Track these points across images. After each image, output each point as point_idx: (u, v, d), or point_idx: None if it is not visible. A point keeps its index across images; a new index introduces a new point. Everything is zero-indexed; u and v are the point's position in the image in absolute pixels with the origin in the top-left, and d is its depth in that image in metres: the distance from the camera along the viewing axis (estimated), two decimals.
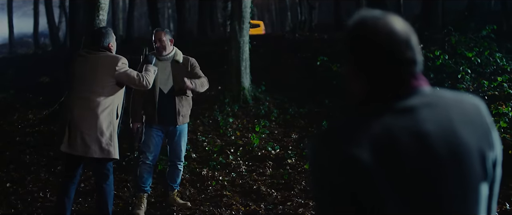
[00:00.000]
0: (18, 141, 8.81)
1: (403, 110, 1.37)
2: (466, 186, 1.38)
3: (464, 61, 9.30)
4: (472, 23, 12.56)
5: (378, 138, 1.32)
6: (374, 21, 1.41)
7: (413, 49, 1.42)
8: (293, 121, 9.08)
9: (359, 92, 1.45)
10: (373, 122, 1.35)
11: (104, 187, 4.83)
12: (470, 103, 1.47)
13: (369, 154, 1.30)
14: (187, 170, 6.78)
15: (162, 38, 5.36)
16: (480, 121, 1.45)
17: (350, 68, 1.46)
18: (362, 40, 1.41)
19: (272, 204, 5.53)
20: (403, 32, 1.41)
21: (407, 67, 1.41)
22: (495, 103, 7.28)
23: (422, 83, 1.44)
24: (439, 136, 1.36)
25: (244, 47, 10.24)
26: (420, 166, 1.32)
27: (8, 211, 5.73)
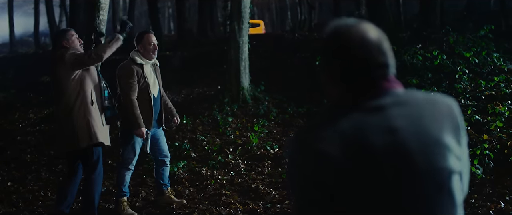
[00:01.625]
0: (19, 140, 8.87)
1: (373, 109, 1.45)
2: (439, 178, 1.43)
3: (462, 61, 9.34)
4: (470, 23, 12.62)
5: (347, 134, 1.39)
6: (348, 29, 1.51)
7: (385, 53, 1.50)
8: (292, 120, 9.13)
9: (335, 95, 1.54)
10: (343, 120, 1.43)
11: (92, 178, 4.95)
12: (442, 101, 1.54)
13: (338, 149, 1.37)
14: (186, 169, 6.84)
15: (155, 41, 5.34)
16: (450, 118, 1.51)
17: (326, 73, 1.55)
18: (337, 47, 1.50)
19: (270, 203, 5.58)
20: (375, 38, 1.50)
21: (379, 71, 1.49)
22: (491, 103, 7.33)
23: (394, 85, 1.51)
24: (409, 131, 1.43)
25: (243, 47, 10.28)
26: (389, 160, 1.39)
27: (9, 210, 5.78)
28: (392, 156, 1.39)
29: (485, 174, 5.52)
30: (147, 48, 5.27)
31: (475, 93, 8.11)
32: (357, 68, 1.48)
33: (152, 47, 5.28)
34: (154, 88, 5.37)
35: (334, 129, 1.41)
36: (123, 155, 5.37)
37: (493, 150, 5.84)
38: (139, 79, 5.20)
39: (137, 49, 5.31)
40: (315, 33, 20.96)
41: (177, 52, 17.07)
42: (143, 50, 5.28)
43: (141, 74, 5.22)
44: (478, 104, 7.61)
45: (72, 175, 5.05)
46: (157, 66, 5.51)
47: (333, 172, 1.37)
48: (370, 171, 1.37)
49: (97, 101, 4.89)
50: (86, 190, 5.01)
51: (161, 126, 5.53)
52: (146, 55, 5.28)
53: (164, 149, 5.64)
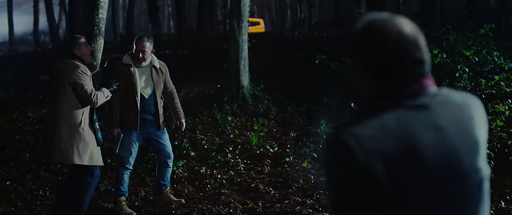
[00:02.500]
0: (18, 139, 8.84)
1: (416, 107, 1.41)
2: (479, 176, 1.44)
3: (462, 59, 9.32)
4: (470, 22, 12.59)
5: (397, 133, 1.35)
6: (383, 23, 1.45)
7: (421, 49, 1.46)
8: (292, 119, 9.11)
9: (368, 94, 1.48)
10: (388, 117, 1.38)
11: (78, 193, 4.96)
12: (473, 102, 1.54)
13: (389, 147, 1.32)
14: (185, 168, 6.83)
15: (146, 50, 5.31)
16: (481, 118, 1.52)
17: (358, 70, 1.49)
18: (372, 43, 1.44)
19: (270, 202, 5.57)
20: (412, 33, 1.45)
21: (416, 67, 1.45)
22: (492, 102, 7.31)
23: (431, 83, 1.48)
24: (454, 130, 1.41)
25: (243, 45, 10.26)
26: (441, 158, 1.36)
27: (8, 209, 5.77)
28: (441, 154, 1.37)
29: None
30: (135, 54, 5.33)
31: (475, 92, 8.09)
32: (394, 64, 1.43)
33: (139, 54, 5.30)
34: (145, 89, 5.38)
35: (380, 126, 1.36)
36: (119, 154, 5.39)
37: (494, 149, 5.82)
38: (125, 79, 5.26)
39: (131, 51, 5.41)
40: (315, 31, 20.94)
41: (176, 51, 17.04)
42: (135, 53, 5.34)
43: (127, 74, 5.28)
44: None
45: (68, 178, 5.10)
46: (158, 68, 5.49)
47: (387, 172, 1.31)
48: (421, 169, 1.34)
49: (85, 122, 4.86)
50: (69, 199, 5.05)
51: (159, 127, 5.49)
52: (135, 59, 5.34)
53: (166, 150, 5.62)
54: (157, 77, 5.45)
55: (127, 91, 5.28)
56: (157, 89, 5.44)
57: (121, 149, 5.35)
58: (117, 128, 5.33)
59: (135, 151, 5.44)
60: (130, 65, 5.31)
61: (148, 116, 5.39)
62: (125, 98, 5.29)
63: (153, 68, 5.45)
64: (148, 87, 5.39)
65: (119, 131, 5.33)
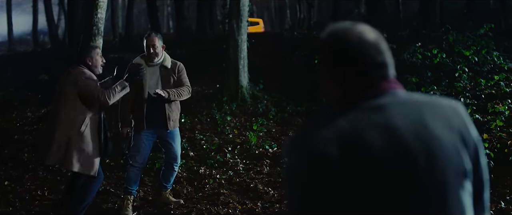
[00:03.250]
0: (16, 139, 8.82)
1: (371, 108, 1.43)
2: (440, 177, 1.39)
3: (461, 59, 9.31)
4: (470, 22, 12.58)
5: (344, 134, 1.37)
6: (344, 32, 1.51)
7: (383, 53, 1.50)
8: (291, 119, 9.10)
9: (334, 95, 1.53)
10: (341, 120, 1.41)
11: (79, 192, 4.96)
12: (446, 104, 1.51)
13: (336, 149, 1.35)
14: (184, 168, 6.81)
15: (155, 44, 5.31)
16: (456, 119, 1.48)
17: (326, 74, 1.54)
18: (334, 50, 1.50)
19: (269, 203, 5.55)
20: (372, 39, 1.50)
21: (378, 71, 1.48)
22: (491, 102, 7.30)
23: (394, 86, 1.49)
24: (410, 130, 1.39)
25: (242, 45, 10.25)
26: (389, 158, 1.35)
27: (6, 209, 5.75)
28: (391, 155, 1.35)
29: None
30: (146, 51, 5.34)
31: (475, 92, 8.08)
32: (355, 69, 1.48)
33: (150, 50, 5.31)
34: (155, 89, 5.31)
35: (332, 129, 1.39)
36: (128, 154, 5.42)
37: (493, 149, 5.80)
38: (135, 80, 5.21)
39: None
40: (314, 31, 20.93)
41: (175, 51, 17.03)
42: (146, 52, 5.35)
43: None
44: (478, 103, 7.57)
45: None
46: (170, 68, 5.44)
47: (332, 172, 1.34)
48: (368, 170, 1.34)
49: (87, 129, 4.83)
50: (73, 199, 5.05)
51: (167, 127, 5.42)
52: (147, 57, 5.35)
53: (174, 152, 5.57)
54: (166, 78, 5.40)
55: (136, 91, 5.28)
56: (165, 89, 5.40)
57: (132, 147, 5.37)
58: (127, 127, 5.34)
59: (145, 150, 5.41)
60: (140, 64, 5.29)
61: (156, 117, 5.34)
62: (135, 97, 5.30)
63: (163, 68, 5.42)
64: (156, 87, 5.35)
65: (128, 130, 5.33)
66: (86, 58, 4.90)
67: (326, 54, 1.53)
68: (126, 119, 5.36)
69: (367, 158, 1.34)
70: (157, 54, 5.33)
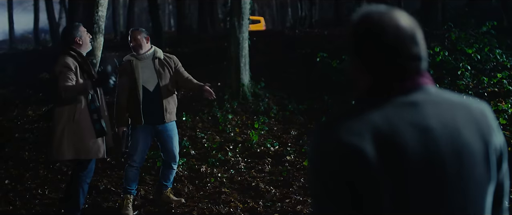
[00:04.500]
0: (17, 137, 8.81)
1: (406, 104, 1.37)
2: (469, 183, 1.36)
3: (464, 57, 9.26)
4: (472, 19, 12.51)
5: (379, 129, 1.31)
6: (380, 16, 1.41)
7: (418, 44, 1.41)
8: (292, 117, 9.06)
9: (363, 87, 1.44)
10: (375, 114, 1.34)
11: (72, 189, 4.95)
12: (475, 106, 1.46)
13: (370, 145, 1.29)
14: (185, 167, 6.78)
15: (136, 37, 5.33)
16: (485, 123, 1.43)
17: (354, 63, 1.45)
18: (368, 35, 1.40)
19: (271, 201, 5.52)
20: (409, 28, 1.40)
21: (412, 63, 1.40)
22: (494, 100, 7.26)
23: (427, 81, 1.43)
24: (443, 133, 1.35)
25: (243, 43, 10.21)
26: (422, 160, 1.31)
27: (6, 208, 5.72)
28: (423, 155, 1.32)
29: None
30: (130, 45, 5.39)
31: (477, 90, 8.04)
32: (389, 58, 1.39)
33: (132, 44, 5.37)
34: (149, 82, 5.32)
35: (366, 122, 1.33)
36: (128, 151, 5.37)
37: None
38: (128, 75, 5.27)
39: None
40: (315, 29, 20.90)
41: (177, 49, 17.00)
42: (131, 47, 5.41)
43: (129, 70, 5.30)
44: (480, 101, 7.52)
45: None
46: (163, 59, 5.44)
47: (363, 167, 1.28)
48: (399, 168, 1.30)
49: (80, 115, 4.80)
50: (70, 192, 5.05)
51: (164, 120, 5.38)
52: (133, 50, 5.39)
53: (172, 151, 5.54)
54: (161, 69, 5.38)
55: (131, 86, 5.28)
56: (162, 81, 5.36)
57: (130, 146, 5.33)
58: (123, 126, 5.31)
59: (143, 149, 5.38)
60: (131, 60, 5.34)
61: (152, 110, 5.31)
62: (130, 93, 5.29)
63: (156, 60, 5.40)
64: (151, 79, 5.33)
65: (124, 129, 5.29)
66: (75, 38, 4.88)
67: (359, 38, 1.43)
68: (121, 117, 5.33)
69: (401, 157, 1.30)
70: (140, 46, 5.33)
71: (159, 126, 5.38)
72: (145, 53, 5.37)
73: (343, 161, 1.29)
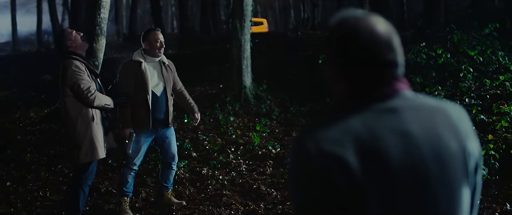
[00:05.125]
0: (19, 139, 8.81)
1: (385, 110, 1.36)
2: (449, 188, 1.36)
3: (466, 59, 9.25)
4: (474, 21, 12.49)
5: (360, 137, 1.30)
6: (356, 21, 1.40)
7: (394, 50, 1.40)
8: (294, 119, 9.05)
9: (340, 92, 1.44)
10: (354, 121, 1.33)
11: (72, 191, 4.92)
12: (452, 109, 1.46)
13: (352, 153, 1.27)
14: (187, 169, 6.77)
15: (162, 39, 5.24)
16: (462, 128, 1.43)
17: (331, 69, 1.44)
18: (343, 41, 1.40)
19: (272, 204, 5.50)
20: (385, 33, 1.39)
21: (389, 69, 1.39)
22: (497, 102, 7.23)
23: (404, 86, 1.42)
24: (423, 137, 1.34)
25: (245, 45, 10.22)
26: (405, 165, 1.30)
27: (8, 210, 5.72)
28: (406, 161, 1.30)
29: (491, 175, 5.44)
30: (153, 45, 5.19)
31: (480, 92, 8.02)
32: (365, 64, 1.38)
33: (158, 44, 5.20)
34: (157, 86, 5.27)
35: (346, 129, 1.31)
36: (127, 154, 5.31)
37: (499, 150, 5.75)
38: (136, 79, 5.13)
39: (143, 47, 5.24)
40: (318, 31, 20.89)
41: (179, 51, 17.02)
42: (149, 47, 5.20)
43: (139, 73, 5.14)
44: (483, 103, 7.51)
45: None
46: (167, 64, 5.41)
47: (346, 176, 1.26)
48: (382, 175, 1.28)
49: (97, 116, 4.82)
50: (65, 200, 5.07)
51: (169, 126, 5.41)
52: (151, 52, 5.21)
53: (172, 151, 5.53)
54: (167, 74, 5.36)
55: (138, 89, 5.16)
56: (167, 86, 5.34)
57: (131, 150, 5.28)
58: (129, 128, 5.16)
59: (143, 152, 5.34)
60: (141, 62, 5.18)
61: (159, 114, 5.28)
62: (136, 96, 5.16)
63: (162, 64, 5.38)
64: (159, 84, 5.28)
65: (131, 131, 5.17)
66: (67, 43, 4.85)
67: (334, 44, 1.42)
68: (127, 119, 5.19)
69: (384, 163, 1.29)
70: (163, 48, 5.29)
71: (162, 129, 5.37)
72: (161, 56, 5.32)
73: (325, 170, 1.27)
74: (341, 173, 1.27)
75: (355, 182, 1.26)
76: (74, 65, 4.72)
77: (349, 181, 1.26)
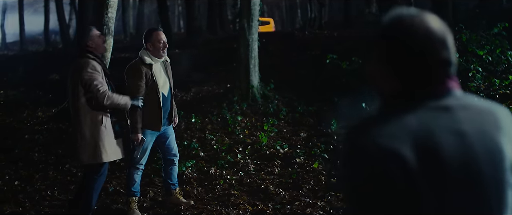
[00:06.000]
0: (27, 138, 8.83)
1: (439, 109, 1.35)
2: (500, 188, 1.36)
3: (475, 59, 9.19)
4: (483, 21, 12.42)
5: (416, 134, 1.29)
6: (411, 20, 1.39)
7: (449, 49, 1.39)
8: (302, 119, 9.03)
9: (390, 91, 1.41)
10: (410, 118, 1.32)
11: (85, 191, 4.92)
12: (500, 110, 1.46)
13: (409, 149, 1.27)
14: (195, 168, 6.76)
15: (164, 39, 5.19)
16: (509, 128, 1.43)
17: (380, 66, 1.42)
18: (398, 39, 1.38)
19: (280, 204, 5.48)
20: (440, 32, 1.39)
21: (443, 67, 1.38)
22: (506, 102, 7.18)
23: (455, 85, 1.42)
24: (476, 138, 1.34)
25: (253, 45, 10.20)
26: (460, 164, 1.30)
27: (16, 209, 5.72)
28: (460, 160, 1.31)
29: None
30: (156, 46, 5.11)
31: (489, 92, 7.97)
32: (420, 62, 1.36)
33: (161, 45, 5.12)
34: (164, 87, 5.24)
35: (402, 126, 1.30)
36: (132, 154, 5.26)
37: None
38: (147, 81, 5.07)
39: (146, 48, 5.15)
40: (325, 31, 20.84)
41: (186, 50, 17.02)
42: (152, 48, 5.11)
43: (150, 75, 5.08)
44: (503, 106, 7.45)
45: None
46: (168, 63, 5.39)
47: (402, 172, 1.26)
48: (438, 173, 1.28)
49: (106, 118, 4.81)
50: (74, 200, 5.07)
51: (171, 124, 5.43)
52: (155, 53, 5.12)
53: (173, 148, 5.54)
54: (170, 72, 5.36)
55: (149, 91, 5.10)
56: (171, 85, 5.35)
57: (135, 149, 5.21)
58: (140, 133, 5.08)
59: (148, 151, 5.33)
60: (151, 64, 5.10)
61: (166, 114, 5.28)
62: (148, 98, 5.10)
63: (167, 63, 5.36)
64: (166, 84, 5.26)
65: (142, 137, 5.11)
66: (87, 42, 4.85)
67: (386, 40, 1.40)
68: (138, 125, 5.08)
69: (440, 162, 1.28)
70: (167, 48, 5.24)
71: (165, 128, 5.36)
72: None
73: (384, 165, 1.27)
74: (398, 168, 1.26)
75: (411, 178, 1.26)
76: (91, 65, 4.72)
77: (406, 177, 1.26)
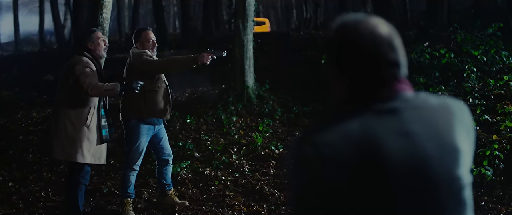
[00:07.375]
0: (21, 139, 8.80)
1: (385, 112, 1.35)
2: (457, 187, 1.35)
3: (470, 59, 9.21)
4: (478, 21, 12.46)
5: (357, 138, 1.29)
6: (356, 24, 1.40)
7: (396, 51, 1.40)
8: (297, 120, 9.02)
9: (341, 95, 1.44)
10: (354, 123, 1.32)
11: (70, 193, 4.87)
12: (454, 106, 1.44)
13: (347, 155, 1.27)
14: (189, 169, 6.74)
15: (154, 38, 5.30)
16: (463, 123, 1.42)
17: (332, 71, 1.45)
18: (344, 43, 1.40)
19: (275, 205, 5.48)
20: (386, 34, 1.39)
21: (390, 70, 1.39)
22: (501, 102, 7.19)
23: (405, 87, 1.41)
24: (425, 136, 1.33)
25: (248, 45, 10.19)
26: (407, 165, 1.29)
27: (10, 211, 5.70)
28: (408, 162, 1.29)
29: (495, 175, 5.40)
30: (145, 45, 5.23)
31: (483, 92, 7.98)
32: (365, 65, 1.38)
33: (150, 44, 5.25)
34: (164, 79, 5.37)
35: (343, 132, 1.31)
36: (128, 154, 5.25)
37: (503, 150, 5.71)
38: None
39: (135, 47, 5.26)
40: (320, 31, 20.86)
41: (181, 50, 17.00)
42: (142, 47, 5.22)
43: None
44: (487, 103, 7.47)
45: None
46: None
47: (341, 179, 1.26)
48: (383, 176, 1.27)
49: (92, 119, 4.78)
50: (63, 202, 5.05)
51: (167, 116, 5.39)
52: (147, 51, 5.23)
53: (167, 148, 5.54)
54: None
55: (157, 80, 5.19)
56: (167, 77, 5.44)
57: (131, 149, 5.21)
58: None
59: (143, 152, 5.31)
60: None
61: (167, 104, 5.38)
62: (153, 89, 5.15)
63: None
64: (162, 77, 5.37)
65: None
66: (87, 43, 4.83)
67: (335, 48, 1.43)
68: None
69: (385, 165, 1.27)
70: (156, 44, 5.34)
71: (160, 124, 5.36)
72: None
73: (325, 174, 1.28)
74: (340, 176, 1.26)
75: (356, 186, 1.26)
76: (86, 62, 4.71)
77: (350, 185, 1.26)
